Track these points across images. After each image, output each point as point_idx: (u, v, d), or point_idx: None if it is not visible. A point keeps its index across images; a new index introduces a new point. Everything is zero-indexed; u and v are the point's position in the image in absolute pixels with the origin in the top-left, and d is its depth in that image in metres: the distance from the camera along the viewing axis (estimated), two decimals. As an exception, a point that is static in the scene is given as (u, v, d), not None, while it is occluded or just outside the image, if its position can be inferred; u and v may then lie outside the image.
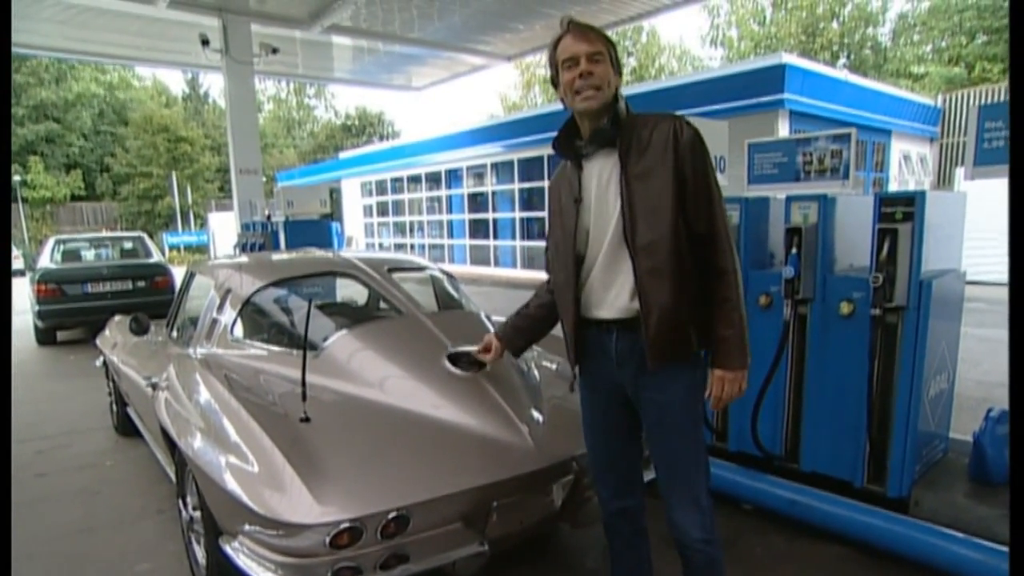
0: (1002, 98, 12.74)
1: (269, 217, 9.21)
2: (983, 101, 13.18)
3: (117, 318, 4.48)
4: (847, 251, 2.87)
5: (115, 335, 4.19)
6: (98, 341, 4.46)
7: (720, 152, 3.37)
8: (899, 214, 2.50)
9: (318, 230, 8.79)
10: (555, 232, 1.80)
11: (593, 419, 1.84)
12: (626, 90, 1.83)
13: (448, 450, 1.94)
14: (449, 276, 3.26)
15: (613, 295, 1.67)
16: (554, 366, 2.70)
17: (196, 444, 2.04)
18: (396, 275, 2.97)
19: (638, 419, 1.76)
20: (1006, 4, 18.88)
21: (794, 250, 2.72)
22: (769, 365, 2.79)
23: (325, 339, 2.37)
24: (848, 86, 11.21)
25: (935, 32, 22.03)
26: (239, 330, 2.64)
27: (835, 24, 24.30)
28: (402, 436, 1.98)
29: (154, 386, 2.66)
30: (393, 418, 2.04)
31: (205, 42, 8.98)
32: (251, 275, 2.75)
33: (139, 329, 3.44)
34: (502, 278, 13.84)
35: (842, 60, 23.29)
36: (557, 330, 1.94)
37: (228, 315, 2.64)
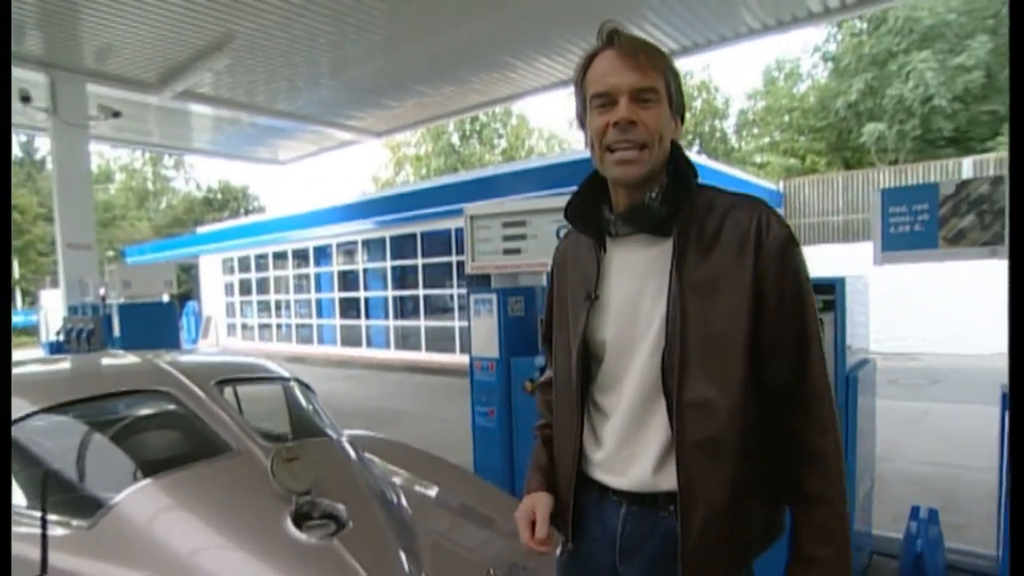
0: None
1: (104, 299, 8.01)
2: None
3: None
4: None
5: None
6: None
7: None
8: (820, 303, 2.27)
9: (162, 315, 7.68)
10: (558, 333, 1.22)
11: None
12: (491, 170, 1.21)
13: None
14: (304, 387, 2.45)
15: (627, 458, 1.09)
16: (431, 492, 2.16)
17: None
18: (241, 387, 2.32)
19: None
20: (824, 107, 21.73)
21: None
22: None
23: (111, 497, 1.61)
24: (703, 168, 11.97)
25: (771, 127, 24.80)
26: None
27: (688, 115, 26.66)
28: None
29: None
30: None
31: (26, 99, 7.85)
32: (14, 397, 1.93)
33: None
34: (375, 359, 12.99)
35: (695, 148, 25.43)
36: (411, 438, 1.34)
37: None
